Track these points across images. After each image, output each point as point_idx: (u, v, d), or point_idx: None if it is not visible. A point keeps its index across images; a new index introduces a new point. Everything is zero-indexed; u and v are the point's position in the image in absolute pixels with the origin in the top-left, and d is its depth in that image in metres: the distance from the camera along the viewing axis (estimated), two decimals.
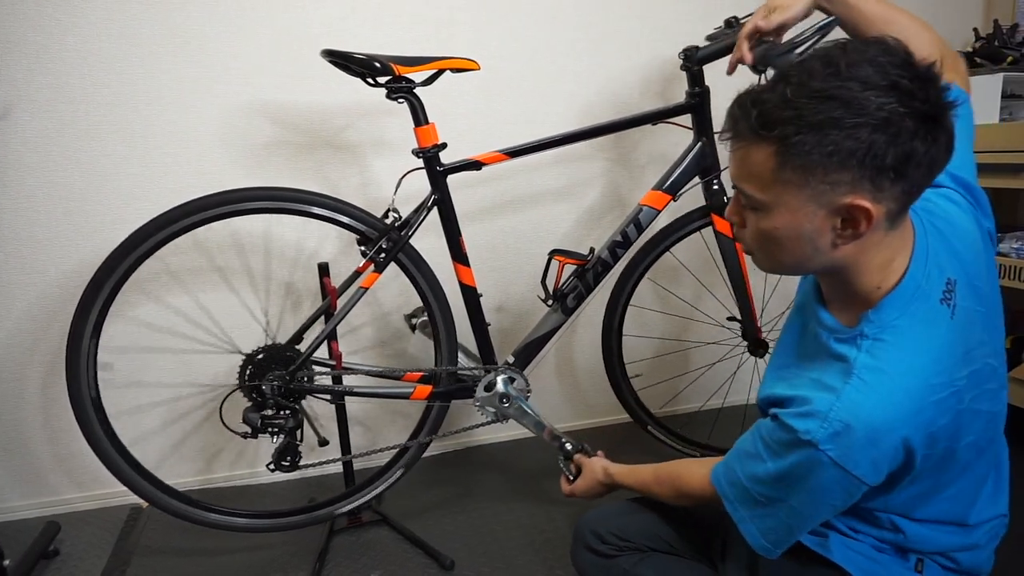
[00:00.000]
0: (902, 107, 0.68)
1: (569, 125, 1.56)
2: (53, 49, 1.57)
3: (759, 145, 0.74)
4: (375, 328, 1.92)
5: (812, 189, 0.73)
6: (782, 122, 0.71)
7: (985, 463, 0.88)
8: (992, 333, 0.84)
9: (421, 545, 1.57)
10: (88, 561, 1.56)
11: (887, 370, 0.77)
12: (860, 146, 0.69)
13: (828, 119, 0.69)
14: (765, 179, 0.75)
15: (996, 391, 0.84)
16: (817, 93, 0.70)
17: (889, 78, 0.69)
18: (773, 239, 0.79)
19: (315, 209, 1.43)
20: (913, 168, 0.71)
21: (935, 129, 0.70)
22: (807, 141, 0.70)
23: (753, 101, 0.74)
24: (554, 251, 1.56)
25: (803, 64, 0.72)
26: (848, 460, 0.77)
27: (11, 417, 1.72)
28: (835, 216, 0.74)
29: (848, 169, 0.71)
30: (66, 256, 1.67)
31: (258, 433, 1.40)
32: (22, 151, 1.60)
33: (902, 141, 0.69)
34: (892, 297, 0.79)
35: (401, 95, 1.40)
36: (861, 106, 0.68)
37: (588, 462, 1.34)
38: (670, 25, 1.88)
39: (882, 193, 0.72)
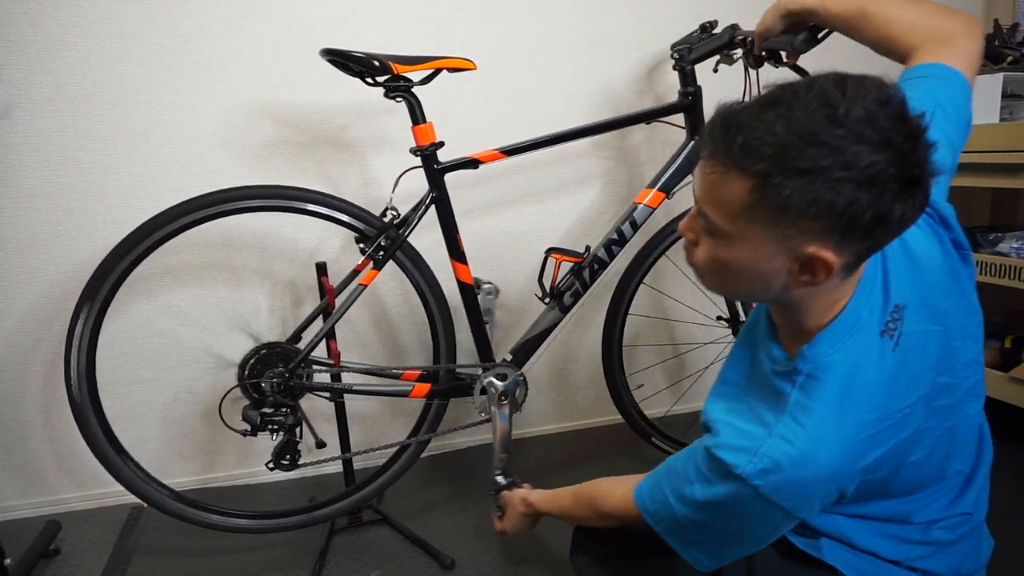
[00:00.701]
0: (892, 168, 0.65)
1: (567, 124, 1.56)
2: (53, 48, 1.58)
3: (737, 176, 0.69)
4: (374, 326, 1.92)
5: (780, 232, 0.70)
6: (767, 159, 0.67)
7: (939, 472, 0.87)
8: (949, 351, 0.82)
9: (421, 544, 1.57)
10: (89, 560, 1.57)
11: (819, 410, 0.76)
12: (841, 201, 0.66)
13: (815, 167, 0.65)
14: (734, 211, 0.71)
15: (951, 406, 0.83)
16: (807, 135, 0.65)
17: (883, 134, 0.65)
18: (726, 269, 0.77)
19: (313, 207, 1.44)
20: (883, 228, 0.69)
21: (916, 192, 0.68)
22: (789, 185, 0.66)
23: (739, 126, 0.69)
24: (551, 249, 1.56)
25: (797, 93, 0.68)
26: (777, 495, 0.76)
27: (12, 416, 1.73)
28: (795, 262, 0.72)
29: (822, 220, 0.67)
30: (67, 255, 1.67)
31: (258, 431, 1.40)
32: (22, 150, 1.61)
33: (883, 202, 0.66)
34: (827, 332, 0.78)
35: (399, 94, 1.41)
36: (851, 159, 0.65)
37: (509, 496, 1.33)
38: (669, 25, 1.88)
39: (847, 246, 0.70)
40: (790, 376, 0.79)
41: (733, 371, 0.92)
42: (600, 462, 1.94)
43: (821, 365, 0.77)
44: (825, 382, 0.76)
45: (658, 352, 2.17)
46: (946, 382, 0.82)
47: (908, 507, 0.87)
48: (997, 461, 1.73)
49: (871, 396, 0.76)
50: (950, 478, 0.88)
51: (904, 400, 0.78)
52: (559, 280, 1.59)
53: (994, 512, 0.98)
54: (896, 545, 0.88)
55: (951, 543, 0.90)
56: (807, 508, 0.79)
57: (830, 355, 0.77)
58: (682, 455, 0.89)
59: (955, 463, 0.88)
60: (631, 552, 1.09)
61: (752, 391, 0.85)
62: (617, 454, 1.99)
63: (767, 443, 0.77)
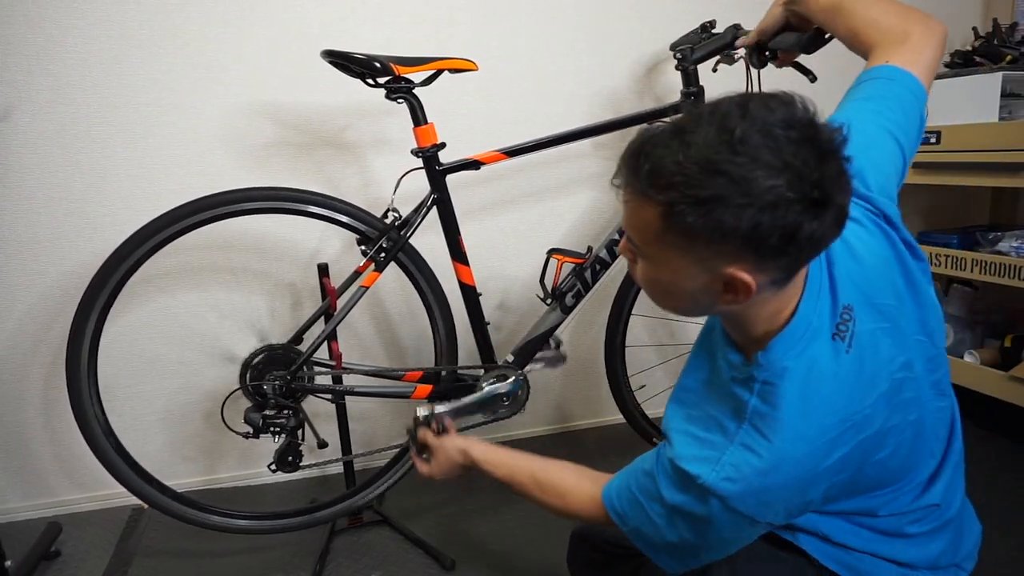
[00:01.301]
0: (790, 192, 0.66)
1: (568, 125, 1.57)
2: (53, 50, 1.57)
3: (646, 203, 0.71)
4: (376, 327, 1.92)
5: (696, 254, 0.72)
6: (669, 187, 0.68)
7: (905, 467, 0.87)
8: (904, 344, 0.82)
9: (422, 545, 1.58)
10: (89, 562, 1.56)
11: (778, 416, 0.76)
12: (743, 225, 0.67)
13: (714, 196, 0.66)
14: (649, 236, 0.74)
15: (914, 401, 0.83)
16: (707, 164, 0.67)
17: (782, 157, 0.66)
18: (658, 288, 0.79)
19: (314, 209, 1.43)
20: (795, 246, 0.69)
21: (823, 211, 0.68)
22: (691, 212, 0.68)
23: (646, 155, 0.70)
24: (552, 250, 1.56)
25: (699, 120, 0.69)
26: (741, 503, 0.77)
27: (12, 418, 1.72)
28: (716, 281, 0.74)
29: (731, 243, 0.69)
30: (67, 257, 1.67)
31: (260, 433, 1.40)
32: (22, 152, 1.61)
33: (788, 221, 0.67)
34: (780, 339, 0.78)
35: (400, 95, 1.41)
36: (748, 187, 0.66)
37: (440, 441, 1.19)
38: (669, 25, 1.88)
39: (765, 265, 0.71)
40: (747, 383, 0.80)
41: (691, 377, 0.93)
42: (600, 462, 1.92)
43: (777, 371, 0.78)
44: (782, 388, 0.77)
45: (658, 351, 2.17)
46: (905, 377, 0.82)
47: (874, 502, 0.87)
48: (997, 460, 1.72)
49: (829, 400, 0.77)
50: (916, 473, 0.88)
51: (863, 401, 0.78)
52: (561, 281, 1.59)
53: (995, 511, 0.98)
54: (869, 536, 0.89)
55: (924, 535, 0.90)
56: (772, 514, 0.79)
57: (785, 361, 0.78)
58: (650, 457, 0.89)
59: (923, 458, 0.88)
60: (628, 557, 1.09)
61: (711, 397, 0.86)
62: (617, 454, 1.99)
63: (728, 451, 0.78)
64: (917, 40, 0.96)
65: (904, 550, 0.90)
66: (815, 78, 1.37)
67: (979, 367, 1.84)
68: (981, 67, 1.90)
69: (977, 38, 2.02)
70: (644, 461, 0.90)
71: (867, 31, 1.00)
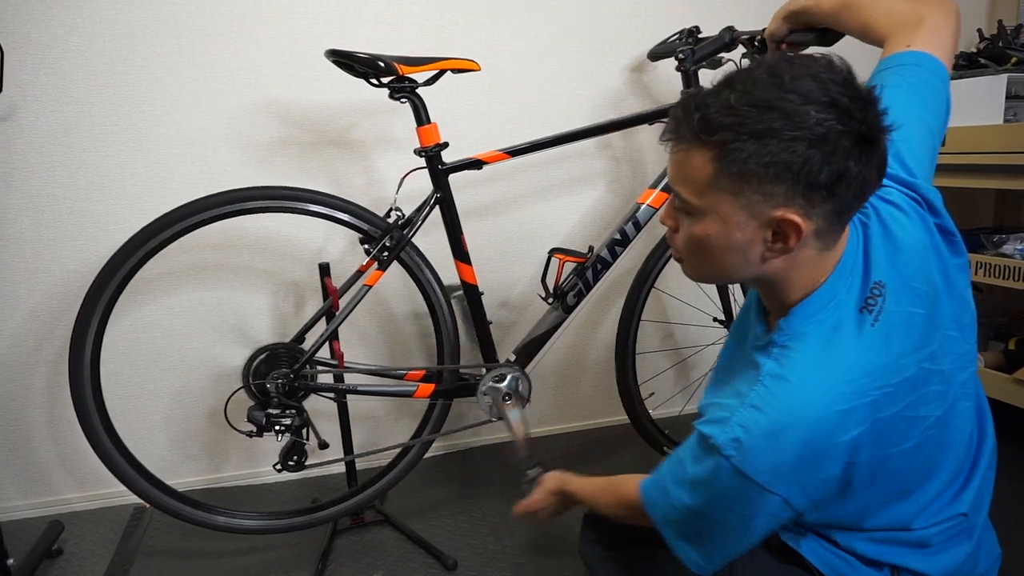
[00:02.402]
0: (840, 125, 0.69)
1: (571, 124, 1.57)
2: (58, 49, 1.58)
3: (699, 149, 0.73)
4: (378, 326, 1.92)
5: (746, 199, 0.73)
6: (723, 128, 0.71)
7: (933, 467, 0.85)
8: (933, 335, 0.81)
9: (424, 545, 1.57)
10: (91, 561, 1.57)
11: (789, 378, 0.76)
12: (796, 159, 0.69)
13: (768, 129, 0.69)
14: (701, 184, 0.75)
15: (941, 396, 0.82)
16: (760, 103, 0.70)
17: (830, 95, 0.69)
18: (704, 246, 0.79)
19: (318, 208, 1.44)
20: (844, 187, 0.71)
21: (869, 151, 0.71)
22: (745, 149, 0.70)
23: (697, 105, 0.73)
24: (554, 249, 1.56)
25: (750, 72, 0.73)
26: (749, 467, 0.75)
27: (15, 417, 1.73)
28: (766, 228, 0.74)
29: (783, 182, 0.71)
30: (70, 256, 1.67)
31: (263, 431, 1.40)
32: (27, 151, 1.61)
33: (837, 159, 0.70)
34: (803, 305, 0.79)
35: (404, 95, 1.41)
36: (801, 119, 0.69)
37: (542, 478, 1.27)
38: (672, 26, 1.87)
39: (813, 210, 0.72)
40: (766, 349, 0.81)
41: (724, 357, 0.95)
42: (603, 462, 1.94)
43: (795, 335, 0.78)
44: (798, 351, 0.77)
45: (665, 356, 2.17)
46: (932, 368, 0.81)
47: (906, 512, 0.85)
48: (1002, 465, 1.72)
49: (846, 368, 0.76)
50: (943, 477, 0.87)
51: (885, 379, 0.77)
52: (562, 280, 1.59)
53: (997, 514, 0.97)
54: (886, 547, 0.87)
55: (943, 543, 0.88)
56: (785, 487, 0.76)
57: (803, 326, 0.78)
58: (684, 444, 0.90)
59: (949, 460, 0.86)
60: (639, 543, 1.09)
61: (735, 369, 0.87)
62: (620, 454, 1.99)
63: (738, 412, 0.77)
64: (933, 21, 0.96)
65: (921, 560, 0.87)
66: None
67: (983, 370, 1.84)
68: (986, 69, 1.89)
69: (982, 40, 2.02)
70: (678, 449, 0.90)
71: (880, 20, 1.00)
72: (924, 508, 0.86)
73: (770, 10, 1.24)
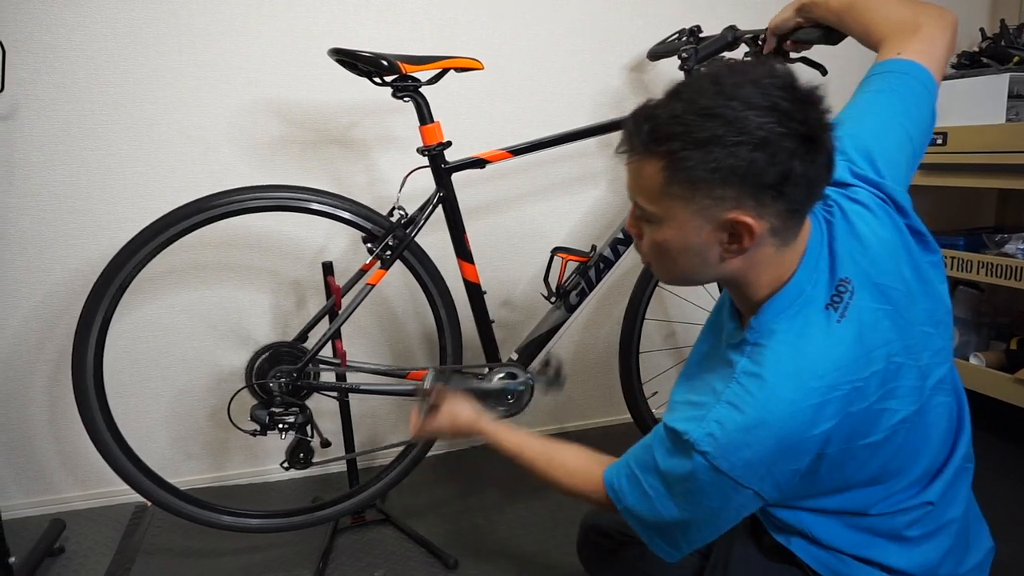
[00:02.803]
0: (780, 127, 0.71)
1: (573, 124, 1.57)
2: (59, 48, 1.58)
3: (650, 159, 0.77)
4: (380, 325, 1.92)
5: (698, 204, 0.76)
6: (670, 137, 0.74)
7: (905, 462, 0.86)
8: (908, 331, 0.83)
9: (425, 544, 1.57)
10: (93, 559, 1.57)
11: (763, 375, 0.78)
12: (741, 163, 0.72)
13: (712, 136, 0.72)
14: (655, 192, 0.78)
15: (913, 389, 0.83)
16: (702, 111, 0.73)
17: (770, 99, 0.72)
18: (665, 251, 0.82)
19: (320, 207, 1.43)
20: (792, 187, 0.73)
21: (813, 150, 0.73)
22: (692, 157, 0.73)
23: (646, 116, 0.76)
24: (557, 248, 1.56)
25: (694, 81, 0.76)
26: (724, 461, 0.77)
27: (17, 415, 1.73)
28: (721, 231, 0.77)
29: (731, 186, 0.73)
30: (72, 255, 1.67)
31: (267, 430, 1.40)
32: (28, 150, 1.61)
33: (780, 160, 0.72)
34: (771, 303, 0.81)
35: (406, 94, 1.41)
36: (742, 125, 0.71)
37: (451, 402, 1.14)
38: (674, 25, 1.87)
39: (764, 209, 0.75)
40: (739, 347, 0.82)
41: (696, 352, 0.97)
42: None
43: (766, 333, 0.80)
44: (770, 349, 0.79)
45: (667, 355, 2.17)
46: (906, 363, 0.82)
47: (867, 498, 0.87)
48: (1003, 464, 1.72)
49: (816, 364, 0.78)
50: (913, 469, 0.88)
51: (855, 372, 0.78)
52: (565, 279, 1.59)
53: (998, 516, 0.97)
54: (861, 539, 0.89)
55: (920, 538, 0.89)
56: (758, 481, 0.79)
57: (774, 324, 0.80)
58: (651, 433, 0.91)
59: (923, 455, 0.87)
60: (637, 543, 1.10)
61: (709, 366, 0.89)
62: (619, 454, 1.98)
63: (714, 409, 0.79)
64: (928, 31, 0.98)
65: (899, 554, 0.88)
66: (826, 71, 1.38)
67: (985, 369, 1.84)
68: (988, 68, 1.89)
69: (984, 39, 2.02)
70: (645, 438, 0.92)
71: (880, 24, 1.02)
72: (887, 496, 0.87)
73: (771, 10, 1.24)
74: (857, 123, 0.94)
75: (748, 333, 0.82)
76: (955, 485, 0.91)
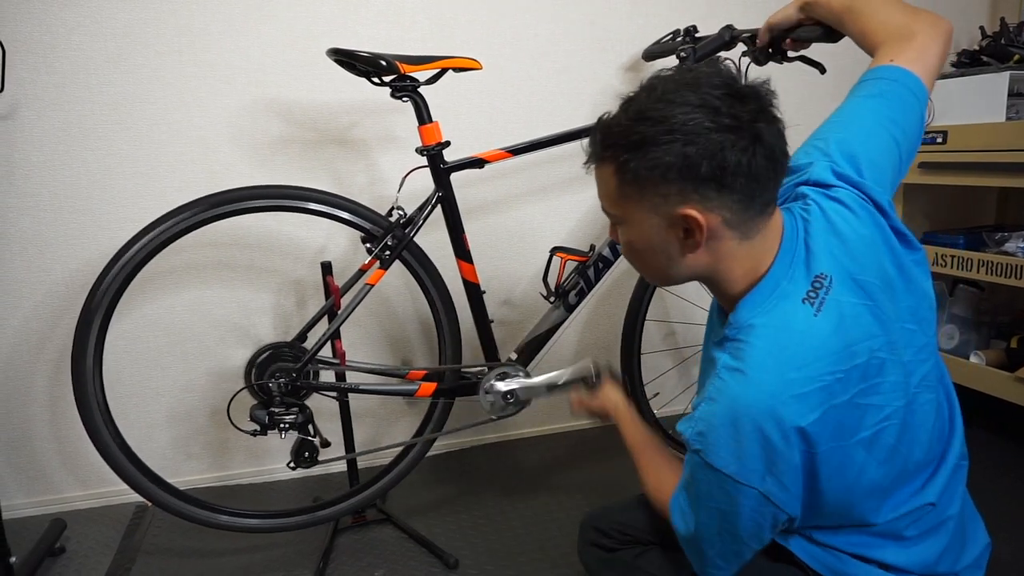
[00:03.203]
0: (708, 121, 0.75)
1: (572, 123, 1.57)
2: (59, 48, 1.58)
3: (604, 165, 0.84)
4: (380, 325, 1.92)
5: (649, 202, 0.80)
6: (614, 143, 0.81)
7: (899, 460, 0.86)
8: (890, 327, 0.83)
9: (425, 544, 1.57)
10: (93, 559, 1.57)
11: (743, 368, 0.79)
12: (676, 160, 0.76)
13: (646, 136, 0.77)
14: (613, 196, 0.84)
15: (897, 385, 0.83)
16: (637, 114, 0.79)
17: (700, 97, 0.76)
18: (634, 251, 0.87)
19: (319, 207, 1.44)
20: (731, 177, 0.77)
21: (746, 141, 0.76)
22: (633, 158, 0.78)
23: (599, 127, 0.84)
24: (556, 248, 1.56)
25: (638, 89, 0.82)
26: (714, 456, 0.79)
27: (18, 415, 1.73)
28: (675, 227, 0.81)
29: (671, 182, 0.78)
30: (72, 255, 1.67)
31: (268, 430, 1.40)
32: (28, 150, 1.61)
33: (711, 152, 0.76)
34: (747, 299, 0.84)
35: (405, 94, 1.41)
36: (670, 123, 0.76)
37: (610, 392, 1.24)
38: (674, 24, 1.87)
39: (710, 202, 0.78)
40: (721, 344, 0.85)
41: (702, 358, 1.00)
42: (604, 463, 1.94)
43: (744, 328, 0.82)
44: (749, 343, 0.80)
45: (668, 356, 2.17)
46: (889, 359, 0.82)
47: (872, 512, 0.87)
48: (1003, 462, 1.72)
49: (795, 355, 0.79)
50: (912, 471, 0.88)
51: (835, 365, 0.79)
52: (564, 279, 1.59)
53: (999, 514, 0.97)
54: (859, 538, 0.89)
55: (918, 537, 0.89)
56: (758, 479, 0.78)
57: (752, 319, 0.82)
58: None
59: (916, 452, 0.87)
60: (636, 543, 1.10)
61: (706, 370, 0.93)
62: (621, 455, 1.98)
63: (701, 407, 0.82)
64: (922, 40, 0.99)
65: (897, 553, 0.89)
66: (824, 70, 1.38)
67: (985, 368, 1.83)
68: (988, 66, 1.89)
69: (984, 37, 2.01)
70: None
71: (876, 29, 1.03)
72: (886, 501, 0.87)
73: (770, 9, 1.24)
74: (844, 127, 0.95)
75: (727, 329, 0.84)
76: (952, 483, 0.92)
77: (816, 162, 0.92)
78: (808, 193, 0.89)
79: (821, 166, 0.92)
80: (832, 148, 0.93)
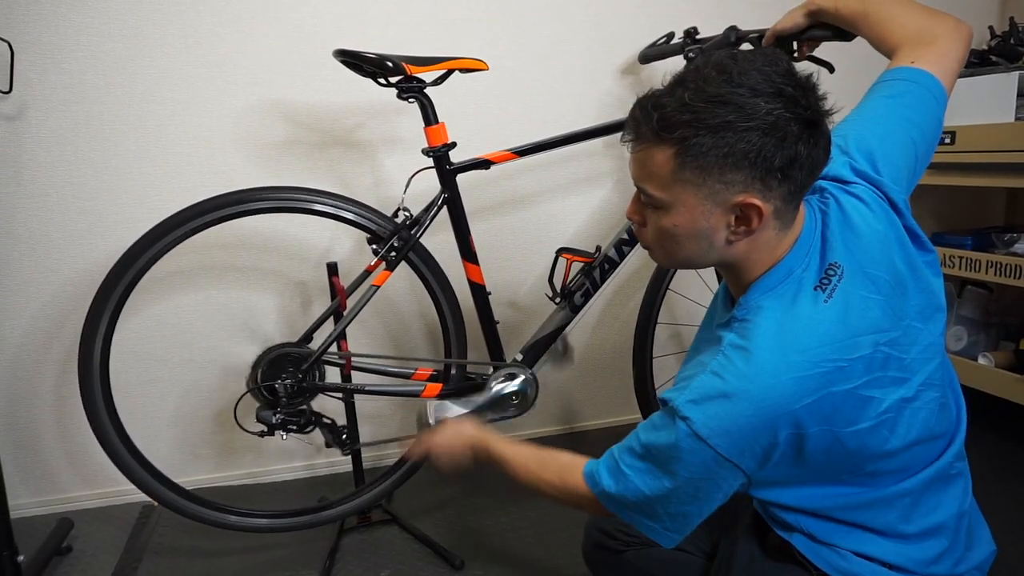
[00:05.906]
0: (787, 112, 0.75)
1: (578, 124, 1.56)
2: (67, 49, 1.59)
3: (659, 147, 0.79)
4: (385, 325, 1.92)
5: (709, 188, 0.78)
6: (681, 125, 0.76)
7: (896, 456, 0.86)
8: (897, 323, 0.84)
9: (431, 544, 1.57)
10: (100, 558, 1.58)
11: (748, 347, 0.81)
12: (752, 148, 0.75)
13: (723, 122, 0.75)
14: (665, 179, 0.80)
15: (897, 380, 0.83)
16: (713, 98, 0.75)
17: (775, 85, 0.75)
18: (672, 236, 0.84)
19: (325, 208, 1.44)
20: (797, 169, 0.77)
21: (816, 134, 0.77)
22: (704, 143, 0.76)
23: (654, 105, 0.78)
24: (561, 249, 1.56)
25: (700, 70, 0.78)
26: (704, 428, 0.79)
27: (25, 415, 1.74)
28: (729, 214, 0.80)
29: (741, 170, 0.76)
30: (79, 255, 1.68)
31: (275, 430, 1.40)
32: (36, 150, 1.62)
33: (788, 144, 0.75)
34: (760, 282, 0.85)
35: (412, 95, 1.41)
36: (752, 111, 0.74)
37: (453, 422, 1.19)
38: (680, 25, 1.87)
39: (771, 192, 0.78)
40: (728, 324, 0.86)
41: (694, 341, 1.02)
42: None
43: (752, 309, 0.83)
44: (756, 323, 0.82)
45: (676, 358, 2.16)
46: (892, 355, 0.83)
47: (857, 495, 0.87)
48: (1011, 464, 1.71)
49: (800, 338, 0.80)
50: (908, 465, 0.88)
51: (839, 353, 0.80)
52: (569, 280, 1.58)
53: (1008, 517, 0.97)
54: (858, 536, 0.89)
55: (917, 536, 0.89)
56: (737, 453, 0.80)
57: (761, 301, 0.83)
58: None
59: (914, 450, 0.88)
60: (641, 544, 1.10)
61: (701, 348, 0.93)
62: None
63: (699, 378, 0.82)
64: (944, 43, 0.99)
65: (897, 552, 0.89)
66: (833, 69, 1.37)
67: (993, 370, 1.82)
68: (997, 66, 1.88)
69: (993, 37, 2.00)
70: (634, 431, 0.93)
71: (895, 33, 1.04)
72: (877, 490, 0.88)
73: (777, 11, 1.24)
74: (863, 125, 0.96)
75: (736, 310, 0.85)
76: (952, 483, 0.92)
77: (835, 158, 0.92)
78: (827, 187, 0.90)
79: (840, 162, 0.92)
80: (851, 145, 0.94)
